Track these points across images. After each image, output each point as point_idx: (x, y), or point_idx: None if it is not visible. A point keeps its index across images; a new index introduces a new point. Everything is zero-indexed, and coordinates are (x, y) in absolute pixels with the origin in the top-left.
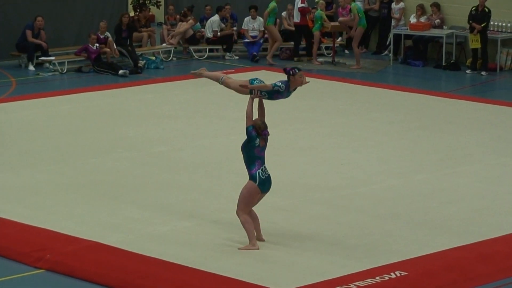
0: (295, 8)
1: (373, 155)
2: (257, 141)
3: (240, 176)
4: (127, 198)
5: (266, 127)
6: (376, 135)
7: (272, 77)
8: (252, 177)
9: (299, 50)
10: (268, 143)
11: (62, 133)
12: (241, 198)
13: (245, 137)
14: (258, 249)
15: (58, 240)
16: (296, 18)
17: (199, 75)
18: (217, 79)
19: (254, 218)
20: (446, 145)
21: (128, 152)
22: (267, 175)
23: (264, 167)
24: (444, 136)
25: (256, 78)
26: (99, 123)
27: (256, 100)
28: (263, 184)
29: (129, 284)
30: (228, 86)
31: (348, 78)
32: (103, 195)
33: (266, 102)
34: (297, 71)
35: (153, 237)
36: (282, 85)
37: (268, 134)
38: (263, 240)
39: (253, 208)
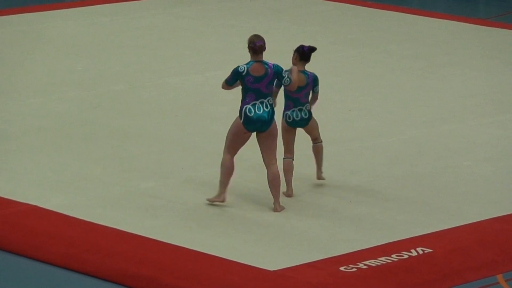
0: None
1: (390, 98)
2: (243, 67)
3: (219, 124)
4: (74, 149)
5: (259, 38)
6: (394, 73)
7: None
8: (239, 112)
9: None
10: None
11: None
12: (228, 134)
13: (226, 75)
14: (223, 201)
15: None
16: None
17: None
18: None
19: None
20: (483, 87)
21: (76, 91)
22: (258, 113)
23: (261, 102)
24: (481, 75)
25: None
26: (39, 53)
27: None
28: (248, 123)
29: (73, 258)
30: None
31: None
32: (43, 145)
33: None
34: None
35: (106, 200)
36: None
37: (260, 44)
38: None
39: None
